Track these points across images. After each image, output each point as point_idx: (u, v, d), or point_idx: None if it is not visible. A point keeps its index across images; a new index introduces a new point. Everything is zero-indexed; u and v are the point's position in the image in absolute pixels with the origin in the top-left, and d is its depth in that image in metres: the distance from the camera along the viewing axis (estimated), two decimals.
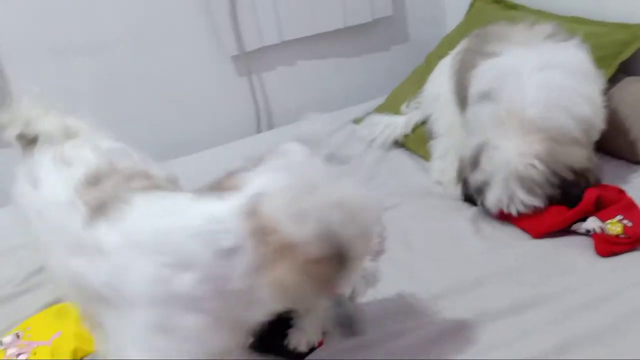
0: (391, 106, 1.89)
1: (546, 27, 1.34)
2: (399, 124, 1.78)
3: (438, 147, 1.58)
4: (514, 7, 1.86)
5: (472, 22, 1.94)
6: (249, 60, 2.11)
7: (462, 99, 1.43)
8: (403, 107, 1.81)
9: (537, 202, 1.24)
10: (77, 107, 1.94)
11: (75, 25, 1.89)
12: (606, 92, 1.36)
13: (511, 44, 1.33)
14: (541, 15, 1.74)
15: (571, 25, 1.61)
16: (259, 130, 2.23)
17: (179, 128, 2.14)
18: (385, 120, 1.83)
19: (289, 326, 1.12)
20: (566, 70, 1.27)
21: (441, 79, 1.56)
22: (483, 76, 1.33)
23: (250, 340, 0.97)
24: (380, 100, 2.01)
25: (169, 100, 2.09)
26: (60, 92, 1.94)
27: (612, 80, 1.49)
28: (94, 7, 1.89)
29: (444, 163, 1.54)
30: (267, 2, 2.01)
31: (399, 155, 1.77)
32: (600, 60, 1.44)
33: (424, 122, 1.70)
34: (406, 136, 1.77)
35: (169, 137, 2.13)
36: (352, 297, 1.14)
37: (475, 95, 1.34)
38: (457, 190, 1.45)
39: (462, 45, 1.52)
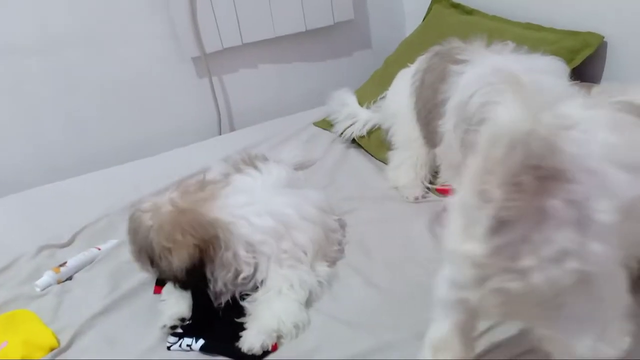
0: None
1: (508, 43, 1.33)
2: (360, 119, 1.80)
3: (394, 158, 1.61)
4: (471, 12, 1.90)
5: (430, 26, 1.97)
6: (210, 62, 2.09)
7: (426, 114, 1.43)
8: (364, 109, 1.84)
9: None
10: (32, 108, 1.94)
11: (25, 24, 1.84)
12: None
13: (482, 55, 1.30)
14: (496, 20, 1.78)
15: (524, 31, 1.65)
16: (220, 132, 2.22)
17: (139, 130, 2.11)
18: (352, 105, 1.84)
19: (243, 328, 1.12)
20: (550, 74, 1.24)
21: (399, 97, 1.57)
22: (467, 87, 1.27)
23: None
24: None
25: (127, 101, 2.06)
26: (13, 93, 1.90)
27: None
28: (45, 5, 1.85)
29: (398, 172, 1.58)
30: (228, 3, 2.01)
31: (358, 157, 1.78)
32: None
33: (380, 127, 1.73)
34: (362, 138, 1.80)
35: (128, 138, 2.10)
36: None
37: (461, 109, 1.27)
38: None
39: (419, 64, 1.51)
